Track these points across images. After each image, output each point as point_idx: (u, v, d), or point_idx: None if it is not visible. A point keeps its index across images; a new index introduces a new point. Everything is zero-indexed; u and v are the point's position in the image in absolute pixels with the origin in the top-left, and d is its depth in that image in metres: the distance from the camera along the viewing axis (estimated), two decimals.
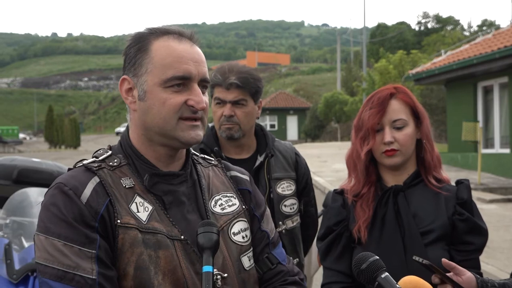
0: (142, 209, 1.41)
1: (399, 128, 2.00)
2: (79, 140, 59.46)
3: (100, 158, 1.47)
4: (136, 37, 1.49)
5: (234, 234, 1.55)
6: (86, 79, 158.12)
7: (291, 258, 1.72)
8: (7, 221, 3.51)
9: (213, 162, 1.67)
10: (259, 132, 2.68)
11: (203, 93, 1.47)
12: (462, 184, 2.04)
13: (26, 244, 3.27)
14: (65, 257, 1.32)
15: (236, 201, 1.60)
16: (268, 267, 1.60)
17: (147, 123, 1.46)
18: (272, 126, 47.67)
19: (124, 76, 1.49)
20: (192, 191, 1.53)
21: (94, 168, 1.43)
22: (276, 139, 2.74)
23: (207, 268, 1.29)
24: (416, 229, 1.94)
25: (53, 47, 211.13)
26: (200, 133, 1.46)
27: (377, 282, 1.42)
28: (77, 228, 1.34)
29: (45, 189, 4.12)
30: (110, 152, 1.50)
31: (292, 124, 49.39)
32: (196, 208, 1.51)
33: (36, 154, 39.81)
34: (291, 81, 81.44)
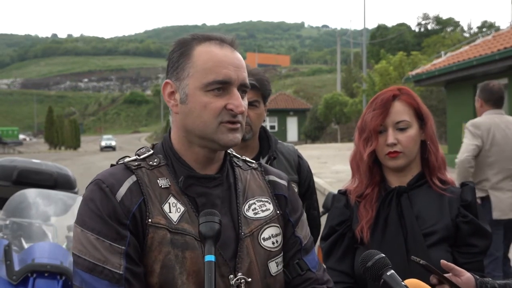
0: (174, 209, 1.46)
1: (402, 130, 2.00)
2: (79, 141, 59.55)
3: (142, 156, 1.53)
4: (179, 42, 1.54)
5: (264, 239, 1.56)
6: (86, 80, 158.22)
7: (323, 265, 1.71)
8: (7, 222, 3.50)
9: (253, 165, 1.69)
10: (263, 134, 2.67)
11: (242, 97, 1.51)
12: (467, 186, 2.03)
13: (25, 245, 3.27)
14: (97, 251, 1.39)
15: (271, 206, 1.61)
16: (297, 273, 1.61)
17: (188, 126, 1.50)
18: (272, 127, 47.66)
19: (167, 80, 1.54)
20: (227, 194, 1.56)
21: (133, 167, 1.49)
22: (279, 141, 2.73)
23: (209, 258, 1.31)
24: (418, 230, 1.94)
25: (53, 48, 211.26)
26: (238, 136, 1.50)
27: (382, 280, 1.43)
28: (110, 224, 1.40)
29: (45, 190, 4.11)
30: (151, 151, 1.55)
31: (292, 125, 49.39)
32: (228, 211, 1.54)
33: (36, 155, 39.82)
34: (291, 82, 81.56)
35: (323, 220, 2.28)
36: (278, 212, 1.62)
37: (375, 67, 28.93)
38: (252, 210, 1.57)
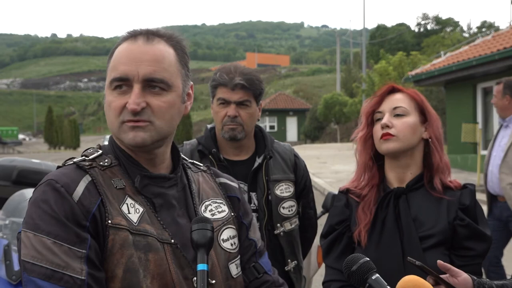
0: (133, 210, 1.39)
1: (399, 116, 1.99)
2: (79, 141, 59.43)
3: (90, 157, 1.44)
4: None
5: (223, 240, 1.53)
6: (85, 80, 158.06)
7: (275, 269, 1.72)
8: (6, 222, 3.51)
9: (202, 167, 1.66)
10: (258, 133, 2.67)
11: (158, 94, 1.41)
12: (467, 189, 2.01)
13: None
14: (55, 256, 1.27)
15: (226, 208, 1.59)
16: (254, 276, 1.60)
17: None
18: (272, 127, 47.66)
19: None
20: (182, 195, 1.51)
21: (86, 167, 1.40)
22: (275, 140, 2.73)
23: (202, 267, 1.27)
24: (415, 233, 1.93)
25: (52, 48, 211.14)
26: (141, 135, 1.40)
27: (367, 284, 1.41)
28: (68, 227, 1.30)
29: None
30: (100, 151, 1.47)
31: (292, 125, 49.38)
32: (186, 213, 1.50)
33: (35, 155, 39.81)
34: (290, 82, 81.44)
35: (324, 220, 2.29)
36: (232, 214, 1.60)
37: (374, 67, 28.92)
38: (209, 211, 1.54)
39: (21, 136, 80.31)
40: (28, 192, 3.74)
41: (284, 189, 2.60)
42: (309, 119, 45.61)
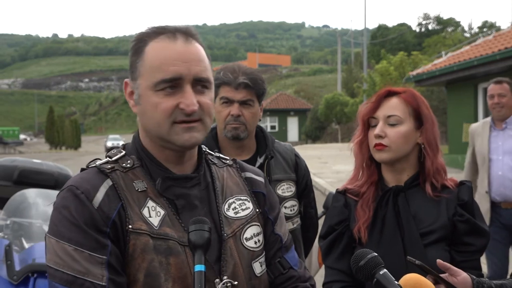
0: (154, 213, 1.38)
1: (392, 125, 1.99)
2: (80, 141, 59.50)
3: (114, 158, 1.44)
4: (136, 38, 1.46)
5: (247, 239, 1.51)
6: (87, 80, 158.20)
7: (303, 262, 1.69)
8: (8, 222, 3.51)
9: (228, 162, 1.64)
10: (259, 133, 2.66)
11: (202, 92, 1.42)
12: (464, 185, 2.03)
13: (26, 245, 3.27)
14: (76, 262, 1.29)
15: (250, 205, 1.56)
16: (279, 271, 1.57)
17: (145, 126, 1.44)
18: (273, 127, 47.66)
19: (126, 80, 1.48)
20: (205, 194, 1.49)
21: (107, 170, 1.40)
22: (276, 140, 2.73)
23: (199, 268, 1.25)
24: (416, 230, 1.94)
25: (54, 48, 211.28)
26: (196, 135, 1.41)
27: (375, 279, 1.42)
28: (88, 233, 1.31)
29: (45, 190, 4.10)
30: (123, 152, 1.47)
31: (293, 126, 49.37)
32: (208, 212, 1.48)
33: (36, 155, 39.82)
34: (291, 82, 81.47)
35: (323, 220, 2.28)
36: (257, 210, 1.57)
37: (375, 67, 28.94)
38: (232, 209, 1.52)
39: (22, 136, 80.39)
40: (29, 192, 3.75)
41: (285, 189, 2.61)
42: (310, 119, 45.59)
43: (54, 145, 59.08)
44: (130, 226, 1.34)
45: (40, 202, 3.67)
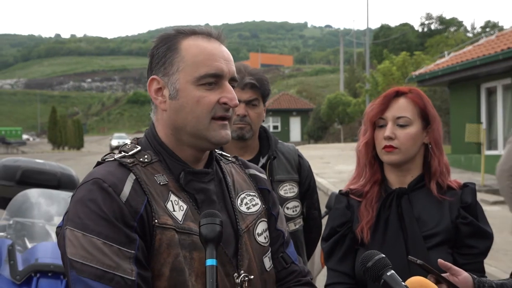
0: (177, 208, 1.40)
1: (402, 126, 1.98)
2: (82, 141, 59.56)
3: (130, 153, 1.44)
4: (163, 37, 1.48)
5: (259, 234, 1.54)
6: (89, 80, 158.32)
7: (301, 258, 1.73)
8: (10, 222, 3.51)
9: (231, 159, 1.66)
10: (262, 134, 2.67)
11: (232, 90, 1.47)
12: (468, 187, 2.02)
13: (29, 245, 3.28)
14: (105, 256, 1.28)
15: (258, 201, 1.60)
16: (282, 266, 1.61)
17: (179, 123, 1.44)
18: (275, 127, 47.64)
19: (153, 76, 1.47)
20: (219, 189, 1.52)
21: (129, 165, 1.40)
22: (280, 141, 2.73)
23: (211, 262, 1.26)
24: (419, 232, 1.94)
25: (56, 48, 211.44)
26: (229, 133, 1.46)
27: (382, 280, 1.43)
28: (118, 227, 1.30)
29: (48, 190, 4.10)
30: (139, 147, 1.47)
31: (295, 126, 49.35)
32: (224, 207, 1.50)
33: (39, 155, 39.86)
34: (294, 82, 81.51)
35: (325, 220, 2.28)
36: (264, 206, 1.60)
37: (378, 67, 28.93)
38: (245, 204, 1.55)
39: (25, 136, 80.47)
40: (32, 192, 3.75)
41: (288, 190, 2.60)
42: (312, 119, 45.56)
43: (56, 145, 59.12)
44: (156, 221, 1.35)
45: (42, 202, 3.68)
